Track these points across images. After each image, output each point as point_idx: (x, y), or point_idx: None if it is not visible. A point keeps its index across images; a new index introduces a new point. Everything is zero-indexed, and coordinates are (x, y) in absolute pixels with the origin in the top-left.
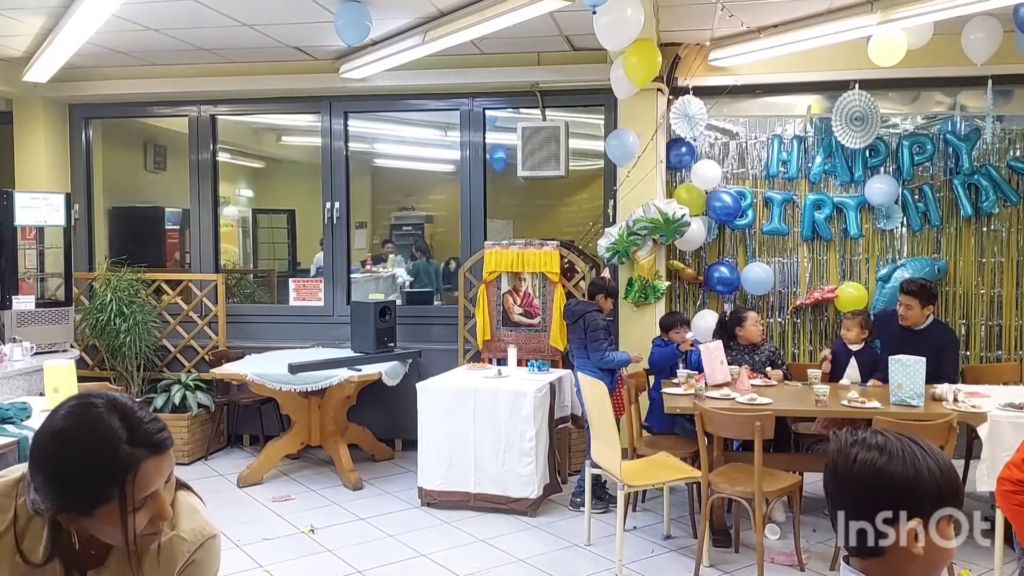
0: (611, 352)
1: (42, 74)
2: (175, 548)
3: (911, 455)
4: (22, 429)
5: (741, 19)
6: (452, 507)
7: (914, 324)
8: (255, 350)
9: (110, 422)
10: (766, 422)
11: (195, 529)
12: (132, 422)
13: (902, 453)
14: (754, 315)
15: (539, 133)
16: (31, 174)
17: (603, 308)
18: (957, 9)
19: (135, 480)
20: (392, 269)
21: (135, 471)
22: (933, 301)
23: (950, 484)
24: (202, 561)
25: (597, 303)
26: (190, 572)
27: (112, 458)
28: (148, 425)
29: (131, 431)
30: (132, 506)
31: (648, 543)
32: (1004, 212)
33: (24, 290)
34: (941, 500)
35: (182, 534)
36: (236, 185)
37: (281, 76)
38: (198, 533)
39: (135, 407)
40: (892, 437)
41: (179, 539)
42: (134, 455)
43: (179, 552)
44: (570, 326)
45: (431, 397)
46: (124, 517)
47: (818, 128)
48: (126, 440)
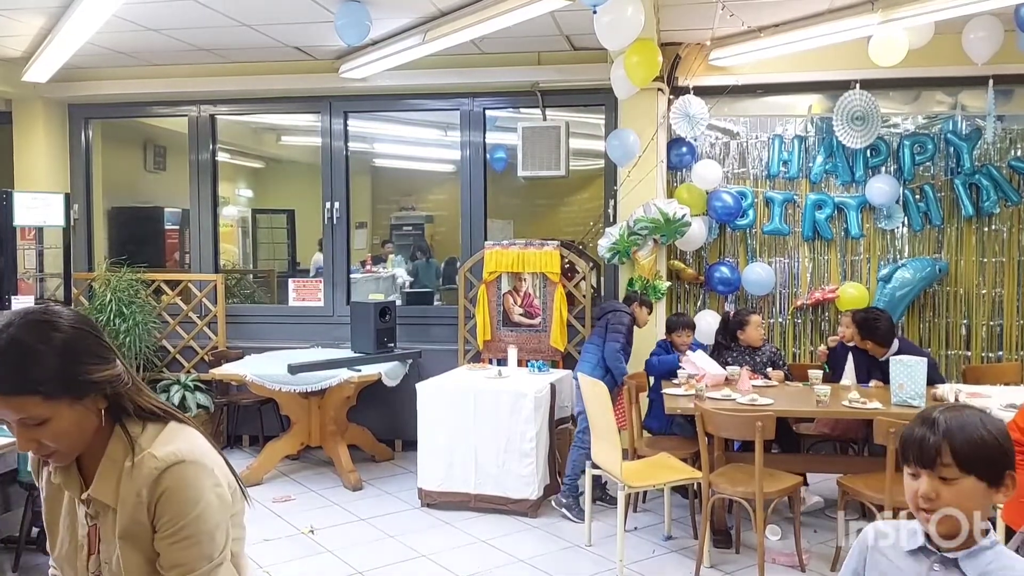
0: (622, 355)
1: (42, 74)
2: (145, 464)
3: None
4: None
5: (742, 19)
6: (452, 508)
7: (875, 355)
8: (255, 350)
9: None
10: (767, 422)
11: (170, 451)
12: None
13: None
14: (756, 318)
15: (539, 133)
16: (30, 174)
17: (637, 317)
18: (958, 9)
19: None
20: (392, 269)
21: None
22: (873, 337)
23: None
24: (175, 489)
25: (633, 310)
26: (165, 500)
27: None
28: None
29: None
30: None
31: (649, 543)
32: (1005, 212)
33: (23, 290)
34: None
35: (154, 452)
36: (236, 185)
37: (281, 76)
38: (170, 455)
39: (11, 339)
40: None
41: (150, 456)
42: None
43: (148, 468)
44: (596, 320)
45: (431, 397)
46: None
47: (819, 128)
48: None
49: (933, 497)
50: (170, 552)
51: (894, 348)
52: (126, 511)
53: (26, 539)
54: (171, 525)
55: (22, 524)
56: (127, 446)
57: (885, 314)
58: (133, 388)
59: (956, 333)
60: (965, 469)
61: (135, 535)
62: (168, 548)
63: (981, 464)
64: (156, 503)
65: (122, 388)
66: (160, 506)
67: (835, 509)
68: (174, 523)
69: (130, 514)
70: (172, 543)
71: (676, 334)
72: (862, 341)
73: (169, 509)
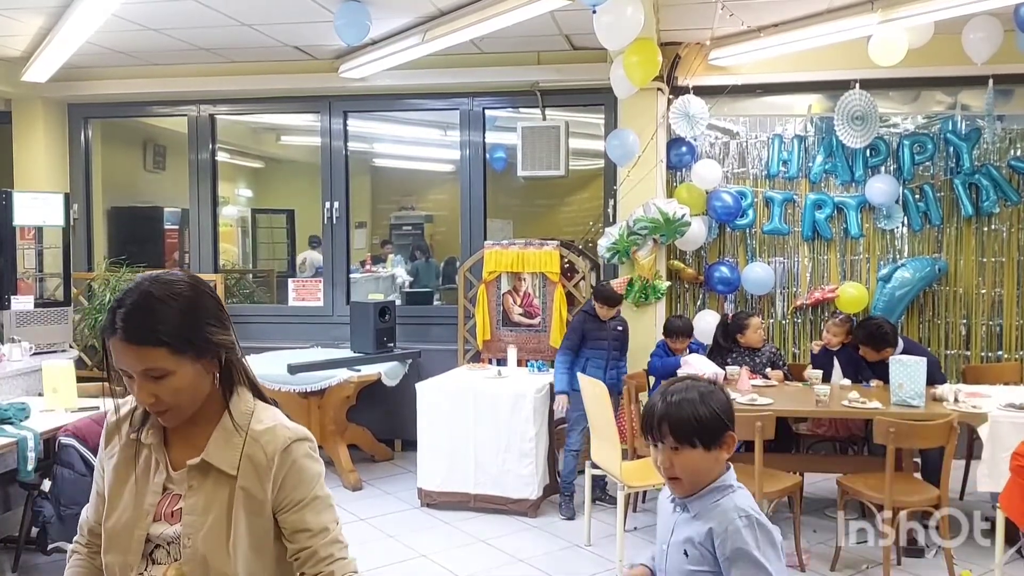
0: (563, 354)
1: (41, 74)
2: (277, 434)
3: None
4: (21, 429)
5: (741, 18)
6: (452, 508)
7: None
8: (254, 350)
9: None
10: (766, 422)
11: (295, 427)
12: (117, 301)
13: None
14: (756, 321)
15: (539, 133)
16: (30, 174)
17: (597, 312)
18: (958, 9)
19: (108, 347)
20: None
21: (107, 341)
22: (885, 344)
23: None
24: (306, 459)
25: (594, 307)
26: (298, 470)
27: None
28: (116, 311)
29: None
30: (110, 368)
31: (649, 543)
32: (1005, 212)
33: (23, 290)
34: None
35: (285, 424)
36: (235, 185)
37: (281, 76)
38: (299, 430)
39: (127, 293)
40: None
41: (282, 427)
42: (106, 327)
43: (281, 438)
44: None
45: (431, 397)
46: (106, 371)
47: (819, 128)
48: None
49: (668, 465)
50: (310, 516)
51: (900, 348)
52: (248, 481)
53: (26, 539)
54: (307, 491)
55: (22, 524)
56: (246, 415)
57: (881, 318)
58: (242, 362)
59: (956, 333)
60: (684, 442)
61: (251, 505)
62: (306, 513)
63: (697, 436)
64: (286, 473)
65: (234, 357)
66: (291, 476)
67: (835, 509)
68: (310, 489)
69: (252, 485)
70: (310, 508)
71: (672, 339)
72: (875, 353)
73: (305, 478)
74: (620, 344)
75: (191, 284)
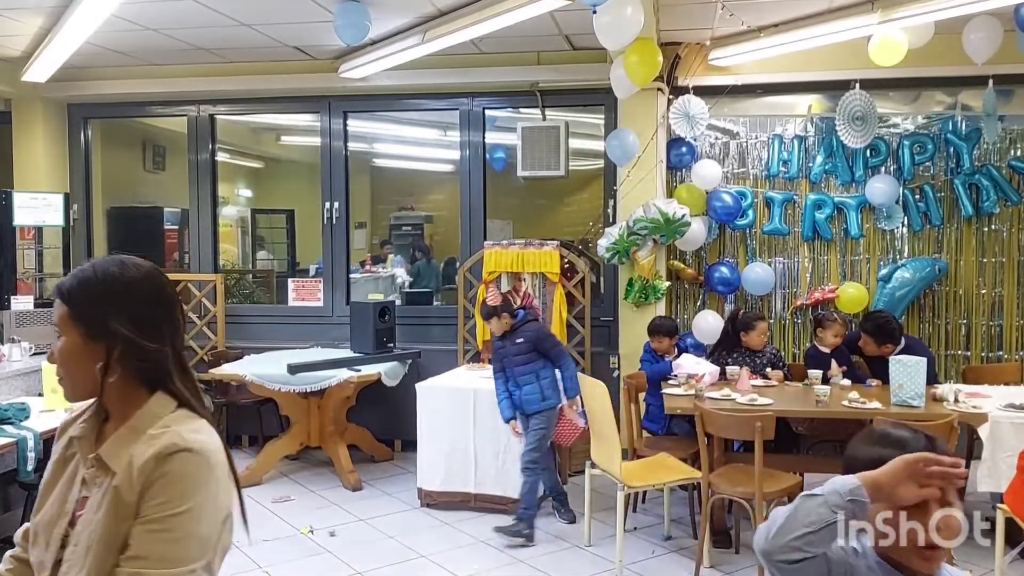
0: (495, 382)
1: (41, 74)
2: (164, 439)
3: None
4: (21, 430)
5: (741, 18)
6: (452, 508)
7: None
8: (254, 350)
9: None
10: (766, 423)
11: (195, 438)
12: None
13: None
14: (763, 325)
15: (539, 133)
16: (30, 174)
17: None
18: (958, 9)
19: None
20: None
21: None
22: (891, 338)
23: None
24: (178, 474)
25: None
26: (164, 483)
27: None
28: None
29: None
30: (107, 366)
31: (648, 544)
32: (1005, 212)
33: (22, 290)
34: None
35: (181, 432)
36: (235, 185)
37: (280, 76)
38: (194, 441)
39: (82, 267)
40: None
41: (175, 433)
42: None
43: (164, 443)
44: (522, 343)
45: (431, 397)
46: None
47: (819, 128)
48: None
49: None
50: (142, 541)
51: (901, 345)
52: (122, 481)
53: None
54: (164, 510)
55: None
56: (154, 417)
57: (889, 313)
58: (178, 370)
59: (956, 333)
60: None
61: (119, 507)
62: (142, 536)
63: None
64: (155, 482)
65: (158, 359)
66: (158, 486)
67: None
68: (170, 509)
69: (124, 485)
70: (151, 531)
71: (653, 339)
72: (876, 347)
73: (172, 494)
74: (525, 360)
75: (135, 275)
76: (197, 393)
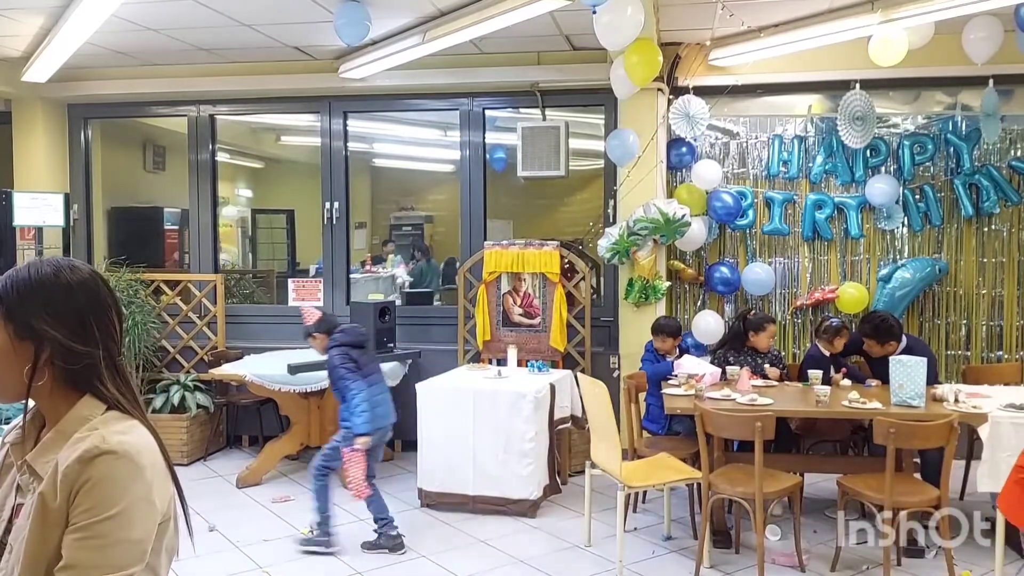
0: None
1: (41, 74)
2: (87, 442)
3: None
4: None
5: (741, 19)
6: (452, 508)
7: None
8: (254, 350)
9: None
10: (766, 423)
11: (119, 440)
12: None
13: None
14: (773, 328)
15: (539, 133)
16: (30, 174)
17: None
18: (958, 9)
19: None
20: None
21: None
22: (891, 337)
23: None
24: (104, 479)
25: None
26: (90, 488)
27: None
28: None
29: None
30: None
31: (648, 544)
32: (1005, 212)
33: None
34: None
35: (104, 434)
36: (235, 185)
37: (281, 76)
38: (118, 444)
39: (18, 268)
40: None
41: (98, 436)
42: None
43: (88, 446)
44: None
45: (431, 398)
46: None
47: (819, 128)
48: None
49: None
50: (72, 549)
51: (903, 344)
52: (46, 486)
53: None
54: (91, 516)
55: None
56: (82, 420)
57: (886, 312)
58: (111, 374)
59: (956, 333)
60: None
61: (45, 513)
62: (72, 544)
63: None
64: (81, 487)
65: (89, 364)
66: (84, 491)
67: (835, 509)
68: (97, 515)
69: (48, 491)
70: (80, 539)
71: (657, 338)
72: (879, 347)
73: (99, 500)
74: (332, 379)
75: (68, 279)
76: (132, 396)
